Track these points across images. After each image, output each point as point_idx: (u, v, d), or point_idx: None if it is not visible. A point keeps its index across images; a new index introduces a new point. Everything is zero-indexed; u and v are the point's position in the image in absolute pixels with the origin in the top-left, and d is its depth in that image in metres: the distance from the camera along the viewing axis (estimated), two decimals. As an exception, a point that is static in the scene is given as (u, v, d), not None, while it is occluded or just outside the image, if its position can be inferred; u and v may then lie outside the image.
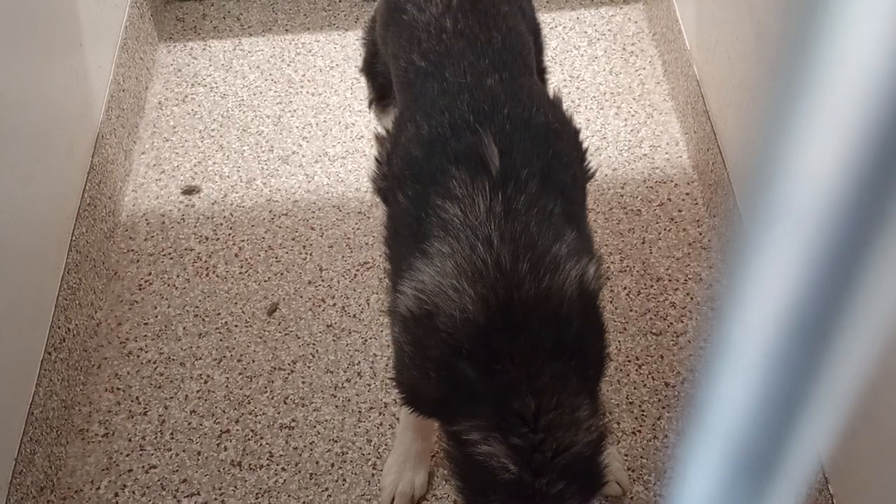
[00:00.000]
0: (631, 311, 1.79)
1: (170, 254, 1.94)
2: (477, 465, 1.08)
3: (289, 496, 1.55)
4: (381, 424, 1.64)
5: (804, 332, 0.24)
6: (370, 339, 1.77)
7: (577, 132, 1.38)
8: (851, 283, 0.23)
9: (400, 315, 1.14)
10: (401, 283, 1.14)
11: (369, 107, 1.77)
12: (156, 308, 1.84)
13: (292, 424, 1.65)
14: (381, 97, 1.70)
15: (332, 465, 1.58)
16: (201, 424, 1.66)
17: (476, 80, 1.24)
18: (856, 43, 0.21)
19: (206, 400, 1.69)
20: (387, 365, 1.72)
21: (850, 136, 0.21)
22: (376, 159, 1.38)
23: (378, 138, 1.89)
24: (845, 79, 0.21)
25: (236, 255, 1.92)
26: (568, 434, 1.07)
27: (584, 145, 1.39)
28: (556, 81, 2.22)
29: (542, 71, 1.61)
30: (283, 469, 1.59)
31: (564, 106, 1.40)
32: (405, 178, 1.22)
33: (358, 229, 1.96)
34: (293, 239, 1.95)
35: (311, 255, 1.92)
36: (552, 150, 1.22)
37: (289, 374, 1.72)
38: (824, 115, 0.22)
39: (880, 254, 0.22)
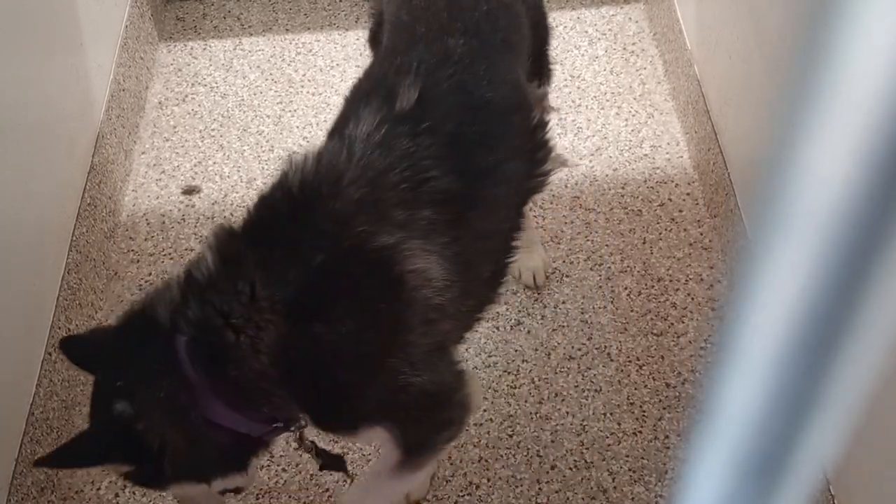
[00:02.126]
0: (632, 311, 1.79)
1: (170, 254, 1.94)
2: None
3: (289, 496, 1.55)
4: (381, 425, 1.64)
5: (807, 333, 0.24)
6: (371, 339, 1.77)
7: (537, 126, 1.33)
8: (855, 284, 0.23)
9: None
10: None
11: None
12: (156, 308, 1.84)
13: (293, 425, 1.65)
14: None
15: (333, 466, 1.58)
16: (201, 425, 1.65)
17: (439, 36, 1.24)
18: (857, 42, 0.20)
19: (206, 400, 1.69)
20: (387, 365, 1.73)
21: (851, 135, 0.21)
22: None
23: None
24: (846, 78, 0.21)
25: (237, 256, 1.92)
26: None
27: (547, 142, 1.34)
28: (556, 81, 2.22)
29: (543, 61, 1.59)
30: (284, 469, 1.59)
31: (546, 102, 1.37)
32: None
33: (358, 229, 1.96)
34: (294, 239, 1.95)
35: (311, 255, 1.92)
36: (477, 128, 1.20)
37: (289, 374, 1.72)
38: (825, 115, 0.22)
39: (885, 254, 0.22)
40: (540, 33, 1.55)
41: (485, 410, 1.65)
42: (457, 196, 1.16)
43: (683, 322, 1.77)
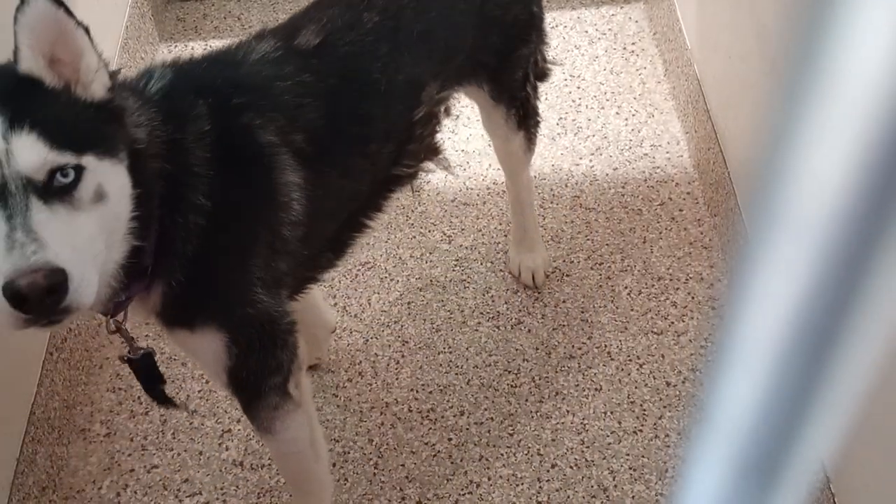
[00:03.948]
0: (632, 310, 1.79)
1: (171, 254, 1.94)
2: None
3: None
4: (382, 424, 1.64)
5: (806, 331, 0.24)
6: (371, 338, 1.77)
7: (419, 121, 1.36)
8: (854, 283, 0.23)
9: None
10: None
11: None
12: (157, 308, 1.84)
13: (294, 424, 1.65)
14: None
15: (334, 465, 1.58)
16: (203, 424, 1.66)
17: (358, 5, 1.28)
18: (857, 41, 0.21)
19: (207, 400, 1.69)
20: (388, 365, 1.73)
21: (851, 135, 0.21)
22: None
23: None
24: (846, 77, 0.21)
25: (237, 255, 1.92)
26: None
27: (423, 138, 1.38)
28: (556, 81, 2.22)
29: (513, 77, 1.54)
30: (285, 469, 1.59)
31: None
32: None
33: (359, 229, 1.97)
34: (294, 239, 1.95)
35: (312, 254, 1.92)
36: (355, 97, 1.25)
37: (290, 373, 1.72)
38: (825, 114, 0.22)
39: (883, 252, 0.22)
40: (524, 37, 1.51)
41: (485, 409, 1.65)
42: (323, 141, 1.21)
43: (684, 321, 1.77)
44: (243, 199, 1.14)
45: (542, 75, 1.63)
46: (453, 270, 1.88)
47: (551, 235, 1.93)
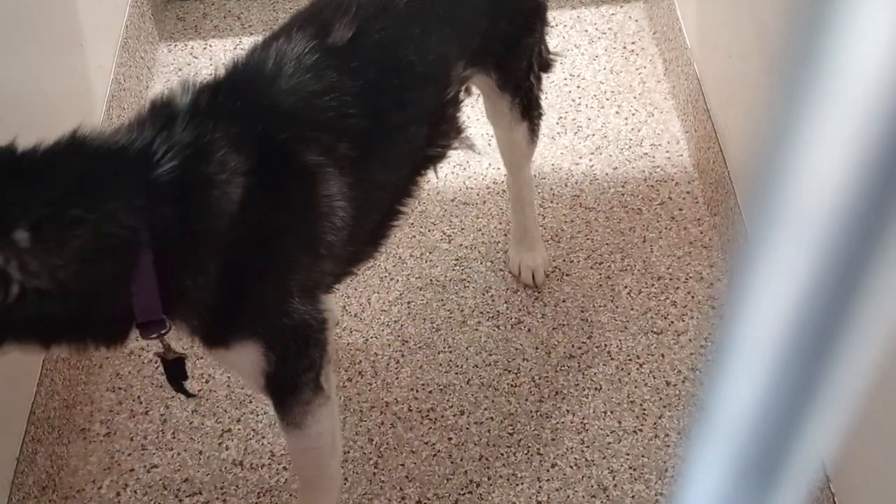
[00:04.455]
0: (632, 309, 1.79)
1: (171, 253, 1.95)
2: None
3: (290, 495, 1.55)
4: (382, 423, 1.64)
5: (806, 331, 0.24)
6: (371, 338, 1.77)
7: (449, 101, 1.37)
8: (854, 282, 0.23)
9: None
10: None
11: None
12: (157, 307, 1.84)
13: (294, 424, 1.65)
14: None
15: (334, 465, 1.58)
16: (203, 424, 1.66)
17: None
18: (857, 40, 0.21)
19: (207, 399, 1.69)
20: (388, 364, 1.73)
21: (851, 134, 0.21)
22: None
23: None
24: (846, 76, 0.21)
25: (237, 255, 1.92)
26: None
27: (453, 118, 1.38)
28: (556, 80, 2.22)
29: (520, 62, 1.56)
30: (285, 468, 1.59)
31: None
32: None
33: (359, 228, 1.97)
34: (294, 238, 1.95)
35: (312, 254, 1.92)
36: (395, 83, 1.25)
37: (290, 373, 1.72)
38: (825, 113, 0.22)
39: (883, 252, 0.22)
40: (524, 26, 1.52)
41: (485, 409, 1.65)
42: (367, 141, 1.20)
43: (684, 320, 1.77)
44: (283, 224, 1.15)
45: (546, 66, 1.64)
46: (453, 270, 1.88)
47: (551, 235, 1.93)
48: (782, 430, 0.27)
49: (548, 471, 1.56)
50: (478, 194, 2.02)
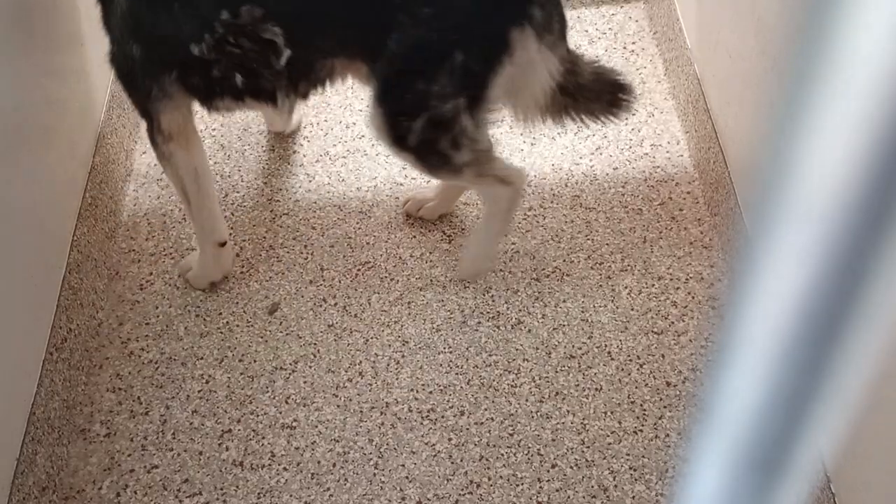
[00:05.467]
0: (632, 310, 1.79)
1: (171, 253, 1.95)
2: None
3: (290, 496, 1.55)
4: (382, 424, 1.64)
5: (806, 330, 0.24)
6: (372, 338, 1.77)
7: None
8: (855, 281, 0.23)
9: None
10: None
11: None
12: (157, 308, 1.84)
13: (294, 424, 1.65)
14: None
15: (334, 465, 1.58)
16: (203, 424, 1.66)
17: None
18: (857, 39, 0.20)
19: (207, 400, 1.69)
20: (388, 364, 1.73)
21: (852, 134, 0.21)
22: None
23: None
24: (847, 75, 0.21)
25: (237, 255, 1.92)
26: None
27: None
28: (556, 80, 2.22)
29: None
30: (285, 469, 1.59)
31: None
32: None
33: (359, 229, 1.96)
34: (294, 238, 1.95)
35: (312, 254, 1.92)
36: None
37: (290, 373, 1.72)
38: (825, 113, 0.22)
39: (883, 251, 0.22)
40: None
41: (485, 409, 1.65)
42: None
43: (684, 320, 1.77)
44: None
45: None
46: (453, 270, 1.88)
47: (551, 235, 1.93)
48: (783, 430, 0.27)
49: (548, 471, 1.56)
50: (477, 194, 2.02)
